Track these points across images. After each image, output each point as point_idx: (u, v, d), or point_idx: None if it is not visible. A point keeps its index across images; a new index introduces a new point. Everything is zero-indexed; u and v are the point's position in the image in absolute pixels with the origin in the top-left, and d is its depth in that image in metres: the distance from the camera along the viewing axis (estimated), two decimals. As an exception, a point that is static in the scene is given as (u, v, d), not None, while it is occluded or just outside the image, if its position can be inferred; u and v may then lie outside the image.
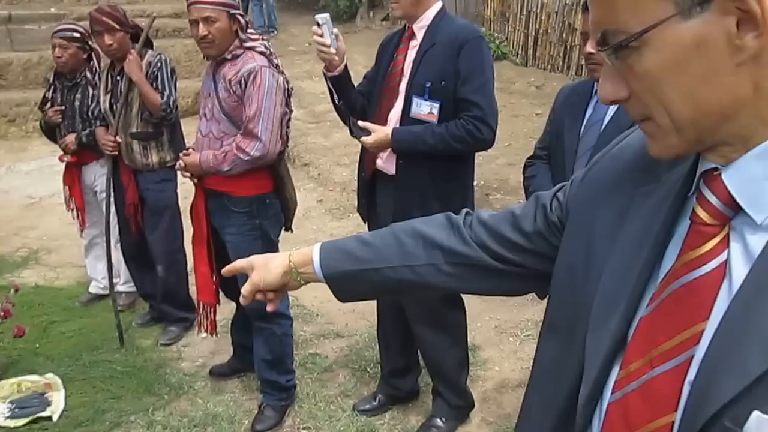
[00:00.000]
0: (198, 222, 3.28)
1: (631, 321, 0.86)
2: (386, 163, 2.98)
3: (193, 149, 3.22)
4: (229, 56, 3.07)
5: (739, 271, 0.76)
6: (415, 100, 2.86)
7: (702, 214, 0.80)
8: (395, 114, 2.94)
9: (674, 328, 0.79)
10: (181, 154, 3.25)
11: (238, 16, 3.05)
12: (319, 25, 2.82)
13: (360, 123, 2.90)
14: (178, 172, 3.45)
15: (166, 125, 3.86)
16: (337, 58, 2.88)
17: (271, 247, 3.25)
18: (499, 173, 6.31)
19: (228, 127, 3.09)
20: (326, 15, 2.86)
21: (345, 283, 1.26)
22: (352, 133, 2.95)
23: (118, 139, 3.82)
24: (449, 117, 2.83)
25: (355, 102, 3.05)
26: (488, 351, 3.95)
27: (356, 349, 3.99)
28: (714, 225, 0.79)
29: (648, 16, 0.73)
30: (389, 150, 2.92)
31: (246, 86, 3.00)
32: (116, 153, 3.85)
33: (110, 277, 4.04)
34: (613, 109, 2.46)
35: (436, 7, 2.91)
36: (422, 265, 1.21)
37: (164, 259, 4.06)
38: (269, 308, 1.37)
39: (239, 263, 1.35)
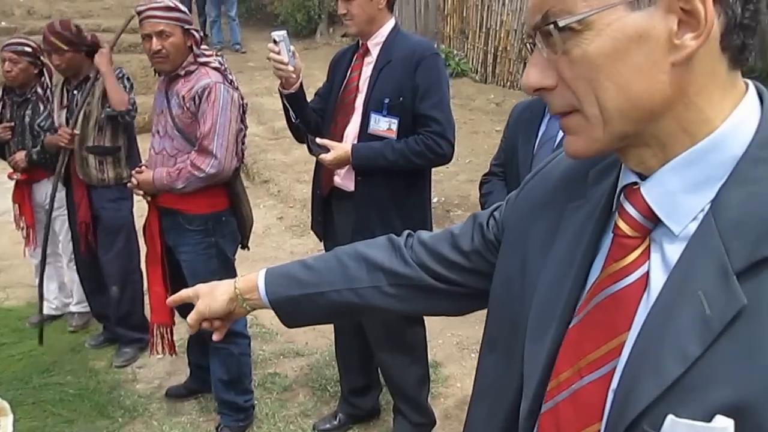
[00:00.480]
0: (151, 241, 3.22)
1: (565, 333, 0.88)
2: (344, 180, 2.96)
3: (146, 166, 3.16)
4: (183, 72, 3.03)
5: (658, 282, 0.78)
6: (373, 116, 2.86)
7: (623, 226, 0.82)
8: (352, 130, 2.93)
9: (600, 338, 0.81)
10: (133, 172, 3.19)
11: (193, 31, 3.02)
12: (275, 42, 2.79)
13: (318, 140, 2.87)
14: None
15: (122, 135, 3.77)
16: (294, 76, 2.85)
17: (228, 265, 3.21)
18: (459, 190, 6.33)
19: (182, 144, 3.05)
20: (283, 32, 2.83)
21: (291, 309, 1.25)
22: (310, 150, 2.92)
23: (76, 131, 3.70)
24: (407, 132, 2.84)
25: (310, 119, 3.02)
26: (450, 368, 3.93)
27: (316, 368, 3.94)
28: (635, 237, 0.81)
29: (595, 1, 0.74)
30: (347, 167, 2.90)
31: (200, 102, 2.97)
32: (71, 146, 3.72)
33: (40, 284, 3.93)
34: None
35: (389, 24, 2.93)
36: (365, 288, 1.21)
37: (118, 280, 3.96)
38: (215, 337, 1.35)
39: (184, 293, 1.33)
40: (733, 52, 0.76)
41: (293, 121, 2.97)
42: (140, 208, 3.71)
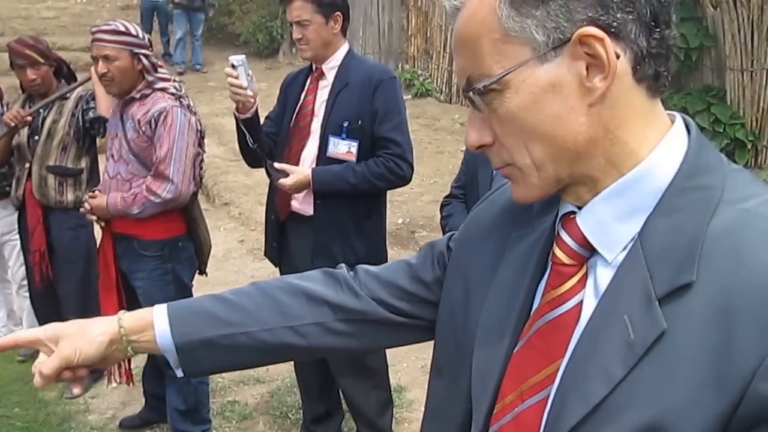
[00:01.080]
0: (105, 268, 3.14)
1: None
2: (302, 204, 2.94)
3: (100, 191, 3.10)
4: (138, 95, 2.98)
5: (590, 308, 0.81)
6: (332, 140, 2.86)
7: (560, 255, 0.85)
8: (309, 154, 2.92)
9: (539, 363, 0.84)
10: (86, 197, 3.13)
11: (141, 56, 2.96)
12: (234, 66, 2.77)
13: (276, 165, 2.84)
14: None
15: (86, 157, 3.66)
16: (252, 100, 2.84)
17: (185, 291, 3.15)
18: (424, 210, 6.33)
19: (137, 168, 3.00)
20: (242, 56, 2.82)
21: (202, 353, 1.06)
22: (269, 175, 2.88)
23: (29, 118, 3.57)
24: (365, 155, 2.86)
25: (264, 144, 3.00)
26: (414, 392, 3.88)
27: (277, 395, 3.87)
28: (572, 265, 0.84)
29: (508, 61, 0.78)
30: (305, 191, 2.88)
31: (156, 127, 2.92)
32: (20, 127, 3.59)
33: None
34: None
35: (344, 49, 2.96)
36: (307, 325, 1.08)
37: (78, 311, 3.71)
38: (75, 391, 1.09)
39: (32, 334, 1.07)
40: (649, 81, 0.80)
41: (250, 145, 2.93)
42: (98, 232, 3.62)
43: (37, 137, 3.60)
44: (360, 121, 2.84)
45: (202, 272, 3.34)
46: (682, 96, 6.81)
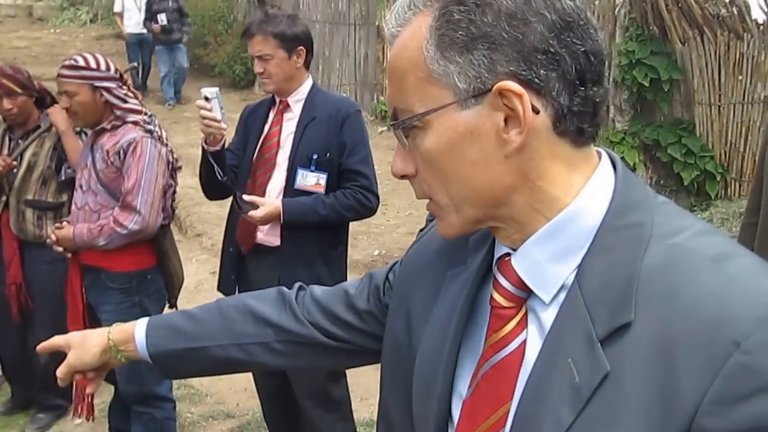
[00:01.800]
0: (73, 300, 3.08)
1: (449, 402, 0.90)
2: (268, 235, 2.92)
3: (68, 222, 3.05)
4: (108, 126, 2.95)
5: (534, 349, 0.81)
6: (301, 172, 2.87)
7: (498, 298, 0.86)
8: (276, 186, 2.92)
9: (489, 407, 0.84)
10: (53, 227, 3.07)
11: (103, 91, 2.91)
12: (207, 99, 2.76)
13: (246, 197, 2.82)
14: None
15: (67, 191, 3.53)
16: (225, 133, 2.84)
17: (152, 325, 3.07)
18: (400, 242, 6.31)
19: (105, 200, 2.95)
20: (216, 89, 2.81)
21: (173, 363, 1.23)
22: (239, 208, 2.84)
23: (14, 162, 3.48)
24: (332, 187, 2.89)
25: (229, 176, 2.98)
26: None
27: (247, 430, 3.79)
28: (511, 307, 0.85)
29: (430, 101, 0.80)
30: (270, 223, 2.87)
31: (125, 157, 2.89)
32: (5, 173, 3.49)
33: None
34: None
35: (309, 82, 3.00)
36: (252, 344, 1.18)
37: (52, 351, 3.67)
38: (89, 389, 1.30)
39: (55, 341, 1.28)
40: (572, 136, 0.80)
41: (220, 178, 2.90)
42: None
43: (15, 170, 3.52)
44: (328, 154, 2.87)
45: (172, 306, 3.26)
46: (654, 128, 6.92)
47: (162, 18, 10.32)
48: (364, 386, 3.25)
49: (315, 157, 2.85)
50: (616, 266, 0.77)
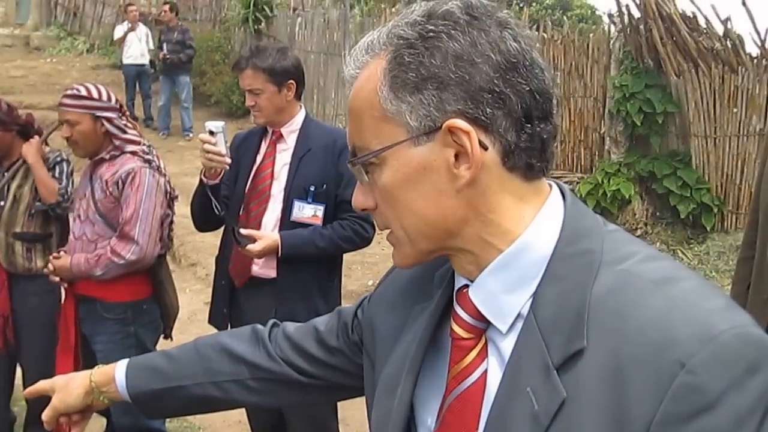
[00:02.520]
0: (65, 330, 3.06)
1: None
2: (264, 268, 2.89)
3: (65, 252, 3.03)
4: (107, 156, 2.95)
5: (496, 378, 0.83)
6: (297, 204, 2.85)
7: (457, 329, 0.88)
8: (271, 218, 2.89)
9: None
10: (50, 257, 3.05)
11: (104, 121, 2.92)
12: (212, 133, 2.73)
13: (243, 231, 2.78)
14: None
15: (55, 225, 3.52)
16: (227, 167, 2.81)
17: (147, 356, 3.03)
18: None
19: (103, 230, 2.94)
20: (222, 123, 2.79)
21: (152, 402, 1.25)
22: (237, 242, 2.77)
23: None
24: (329, 219, 2.88)
25: (224, 210, 2.97)
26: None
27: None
28: (470, 338, 0.87)
29: (385, 138, 0.83)
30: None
31: (123, 187, 2.89)
32: None
33: None
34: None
35: (302, 113, 2.99)
36: (227, 381, 1.21)
37: (38, 379, 3.51)
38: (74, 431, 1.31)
39: (41, 386, 1.32)
40: (522, 170, 0.83)
41: (218, 212, 2.88)
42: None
43: (2, 203, 3.48)
44: (325, 185, 2.85)
45: (167, 336, 3.23)
46: (650, 160, 6.93)
47: (165, 48, 10.41)
48: (359, 420, 3.19)
49: (312, 188, 2.84)
50: (567, 294, 0.79)
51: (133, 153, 2.95)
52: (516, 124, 0.81)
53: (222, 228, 3.09)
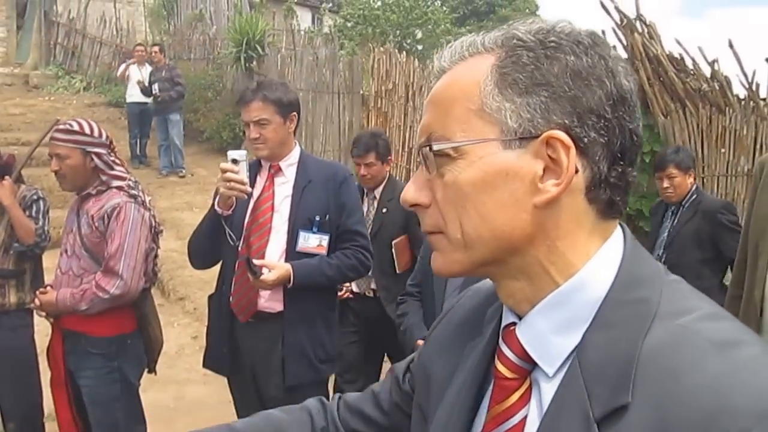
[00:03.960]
0: (55, 365, 3.07)
1: None
2: (270, 301, 2.87)
3: (51, 287, 3.04)
4: (94, 191, 2.98)
5: (535, 424, 0.79)
6: (303, 234, 2.88)
7: (502, 369, 0.83)
8: (275, 250, 2.89)
9: None
10: (37, 293, 3.05)
11: (94, 156, 2.95)
12: (235, 161, 2.73)
13: (256, 261, 2.75)
14: (36, 315, 3.19)
15: (29, 261, 3.52)
16: (245, 196, 2.80)
17: (131, 390, 3.06)
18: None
19: (89, 264, 2.96)
20: (244, 152, 2.79)
21: None
22: (253, 273, 2.72)
23: None
24: (332, 249, 2.91)
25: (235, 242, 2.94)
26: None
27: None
28: (514, 379, 0.82)
29: (473, 133, 0.79)
30: (266, 290, 2.83)
31: (109, 222, 2.90)
32: None
33: None
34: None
35: (298, 148, 3.04)
36: None
37: (16, 416, 3.54)
38: None
39: None
40: (602, 205, 0.80)
41: (233, 242, 2.86)
42: (46, 326, 3.43)
43: None
44: (327, 216, 2.89)
45: (152, 370, 3.23)
46: (637, 198, 6.98)
47: (155, 88, 10.48)
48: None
49: (317, 218, 2.87)
50: (617, 343, 0.74)
51: (119, 188, 2.97)
52: (611, 157, 0.79)
53: (217, 266, 3.06)
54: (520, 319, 0.83)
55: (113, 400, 2.98)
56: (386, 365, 4.05)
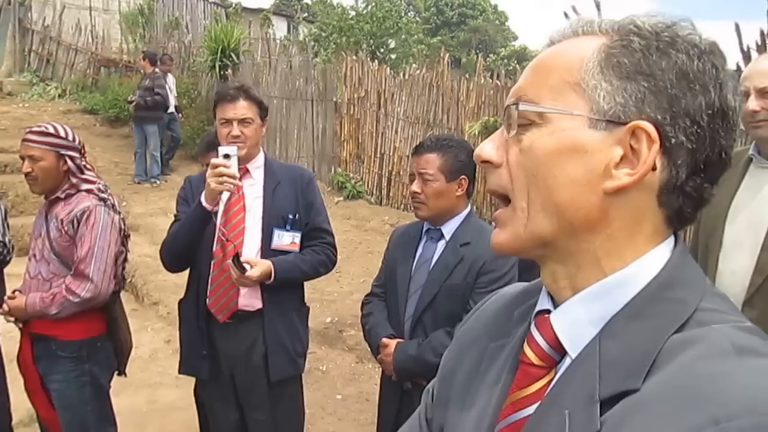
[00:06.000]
0: (27, 370, 3.07)
1: None
2: (249, 299, 2.94)
3: (20, 292, 3.04)
4: (63, 195, 3.00)
5: None
6: (277, 232, 2.98)
7: (530, 354, 0.83)
8: (251, 248, 2.95)
9: None
10: (5, 298, 3.06)
11: (67, 158, 3.00)
12: (227, 156, 2.78)
13: (242, 258, 2.83)
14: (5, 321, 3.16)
15: None
16: (234, 189, 2.85)
17: (101, 393, 3.09)
18: (353, 309, 6.31)
19: (58, 268, 2.97)
20: (235, 147, 2.83)
21: None
22: (240, 269, 2.78)
23: None
24: (302, 246, 3.03)
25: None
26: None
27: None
28: (541, 366, 0.82)
29: (563, 103, 0.79)
30: (248, 287, 2.90)
31: (78, 226, 2.93)
32: None
33: None
34: (440, 249, 2.61)
35: (262, 152, 3.12)
36: None
37: None
38: None
39: None
40: (671, 211, 0.79)
41: (225, 239, 2.90)
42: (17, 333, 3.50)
43: None
44: (297, 214, 3.00)
45: (121, 373, 3.26)
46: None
47: (136, 95, 10.47)
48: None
49: (290, 217, 2.99)
50: (642, 333, 0.74)
51: (89, 191, 3.00)
52: (693, 166, 0.77)
53: (187, 268, 3.10)
54: (555, 307, 0.83)
55: (84, 403, 2.99)
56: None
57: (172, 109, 10.92)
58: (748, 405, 0.63)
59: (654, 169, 0.76)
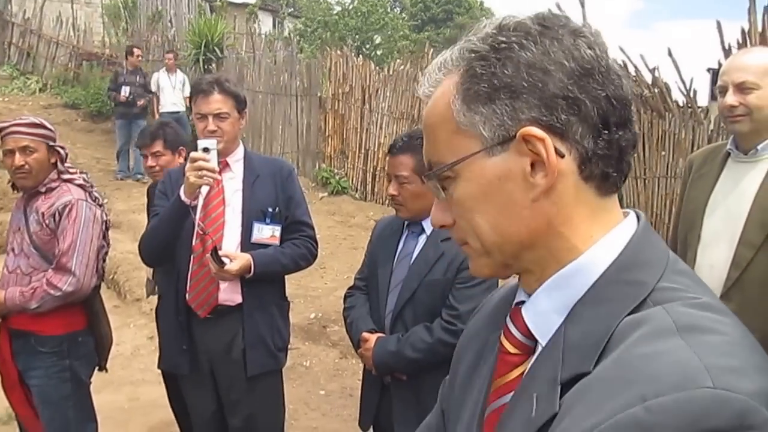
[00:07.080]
0: (5, 367, 3.04)
1: None
2: (228, 293, 2.93)
3: None
4: (43, 189, 2.97)
5: None
6: (257, 226, 2.96)
7: (506, 343, 0.88)
8: (231, 242, 2.94)
9: None
10: None
11: (57, 148, 2.99)
12: (207, 150, 2.75)
13: (221, 252, 2.81)
14: None
15: None
16: (213, 183, 2.83)
17: (82, 389, 3.07)
18: (336, 305, 6.27)
19: (38, 262, 2.95)
20: (215, 141, 2.80)
21: None
22: (219, 263, 2.77)
23: None
24: (283, 239, 3.01)
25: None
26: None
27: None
28: (517, 354, 0.87)
29: (459, 151, 0.84)
30: (227, 281, 2.89)
31: (60, 219, 2.91)
32: None
33: None
34: (421, 243, 2.61)
35: (242, 145, 3.11)
36: None
37: None
38: None
39: None
40: (597, 181, 0.83)
41: (203, 232, 2.89)
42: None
43: None
44: (277, 208, 2.98)
45: (102, 368, 3.24)
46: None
47: (126, 91, 10.40)
48: None
49: (270, 210, 2.97)
50: (600, 318, 0.77)
51: (69, 181, 2.99)
52: (593, 131, 0.80)
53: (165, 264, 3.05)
54: (528, 298, 0.88)
55: (64, 398, 2.98)
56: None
57: (179, 108, 10.81)
58: (675, 381, 0.65)
59: (562, 156, 0.80)
